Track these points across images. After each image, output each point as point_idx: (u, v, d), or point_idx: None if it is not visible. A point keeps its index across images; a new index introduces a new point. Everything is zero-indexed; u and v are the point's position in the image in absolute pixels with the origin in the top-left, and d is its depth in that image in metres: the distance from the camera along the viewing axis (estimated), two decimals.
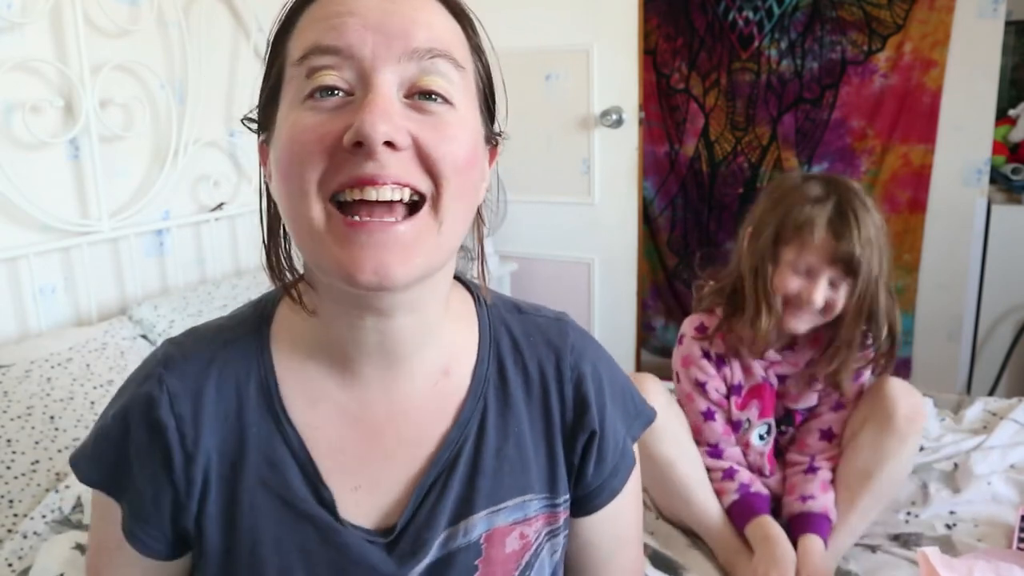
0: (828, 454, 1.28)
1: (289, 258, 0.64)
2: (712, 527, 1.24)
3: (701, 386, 1.28)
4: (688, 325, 1.33)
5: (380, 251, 0.52)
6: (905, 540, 1.25)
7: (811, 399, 1.30)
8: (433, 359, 0.64)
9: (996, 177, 2.60)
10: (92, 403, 1.38)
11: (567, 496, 0.69)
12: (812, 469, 1.25)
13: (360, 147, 0.51)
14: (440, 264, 0.57)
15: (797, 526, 1.20)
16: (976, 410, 1.67)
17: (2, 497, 1.19)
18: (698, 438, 1.29)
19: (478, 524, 0.64)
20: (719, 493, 1.26)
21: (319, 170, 0.52)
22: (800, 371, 1.29)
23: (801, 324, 1.21)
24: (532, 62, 2.56)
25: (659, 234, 3.13)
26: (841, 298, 1.18)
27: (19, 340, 1.55)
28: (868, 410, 1.25)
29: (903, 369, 2.67)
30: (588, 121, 2.51)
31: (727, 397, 1.29)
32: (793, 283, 1.19)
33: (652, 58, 2.95)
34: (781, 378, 1.30)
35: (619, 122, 2.44)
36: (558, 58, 2.52)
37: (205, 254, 2.00)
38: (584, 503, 0.71)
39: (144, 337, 1.65)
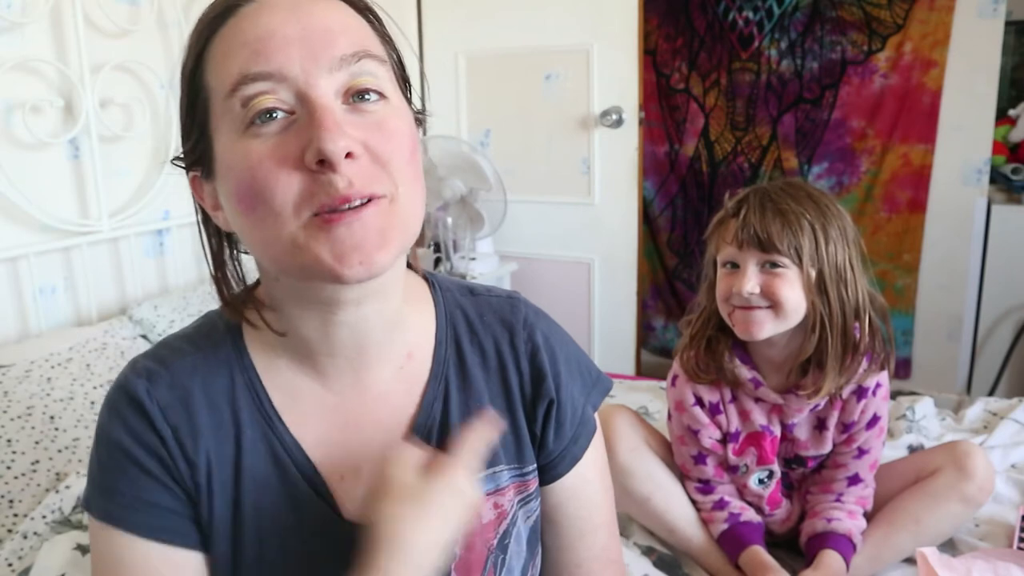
0: (859, 495, 1.20)
1: (243, 286, 0.65)
2: (701, 555, 1.23)
3: (694, 433, 1.22)
4: (678, 365, 1.25)
5: (360, 243, 0.54)
6: None
7: (823, 446, 1.20)
8: (397, 346, 0.67)
9: (996, 177, 2.60)
10: (92, 403, 1.38)
11: (534, 465, 0.72)
12: (839, 499, 1.19)
13: (323, 163, 0.52)
14: (408, 244, 0.59)
15: (817, 543, 1.16)
16: (976, 410, 1.67)
17: (2, 497, 1.19)
18: (688, 475, 1.26)
19: None
20: (708, 522, 1.23)
21: (292, 192, 0.53)
22: (806, 416, 1.20)
23: (755, 328, 1.10)
24: (532, 62, 2.56)
25: (659, 234, 3.13)
26: (787, 285, 1.08)
27: (19, 340, 1.55)
28: (945, 459, 1.19)
29: (903, 369, 2.67)
30: (588, 121, 2.51)
31: (724, 442, 1.22)
32: (726, 284, 1.13)
33: (652, 58, 2.95)
34: (788, 427, 1.21)
35: (619, 122, 2.44)
36: (558, 58, 2.52)
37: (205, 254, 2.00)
38: (548, 471, 0.73)
39: (144, 337, 1.65)
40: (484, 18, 2.58)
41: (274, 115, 0.54)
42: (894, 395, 1.74)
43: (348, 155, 0.53)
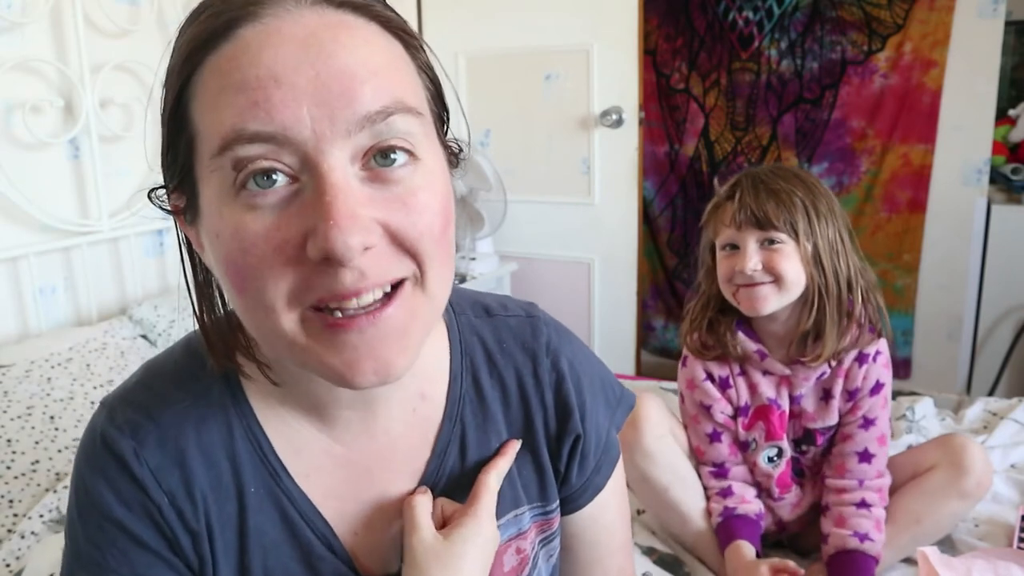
0: (876, 485, 1.20)
1: (234, 330, 0.55)
2: (701, 546, 1.25)
3: (706, 409, 1.24)
4: (687, 348, 1.30)
5: (376, 348, 0.46)
6: None
7: (830, 417, 1.22)
8: (409, 385, 0.60)
9: (996, 177, 2.60)
10: (92, 403, 1.38)
11: (557, 502, 0.67)
12: (865, 504, 1.18)
13: (330, 259, 0.43)
14: (432, 329, 0.52)
15: (849, 564, 1.14)
16: (976, 410, 1.67)
17: (2, 497, 1.19)
18: (702, 459, 1.27)
19: None
20: (711, 513, 1.25)
21: (285, 285, 0.45)
22: (813, 387, 1.22)
23: (761, 303, 1.14)
24: (532, 62, 2.56)
25: (659, 234, 3.13)
26: (786, 259, 1.13)
27: (19, 340, 1.55)
28: (941, 455, 1.20)
29: (903, 369, 2.67)
30: (588, 121, 2.51)
31: (734, 418, 1.25)
32: (727, 265, 1.18)
33: (652, 58, 2.95)
34: (796, 399, 1.23)
35: (619, 122, 2.44)
36: (558, 58, 2.52)
37: None
38: (567, 503, 0.69)
39: (144, 337, 1.65)
40: (484, 18, 2.58)
41: (273, 177, 0.44)
42: (894, 395, 1.74)
43: (364, 249, 0.44)
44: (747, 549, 1.17)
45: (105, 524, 0.53)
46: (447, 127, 0.55)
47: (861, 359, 1.19)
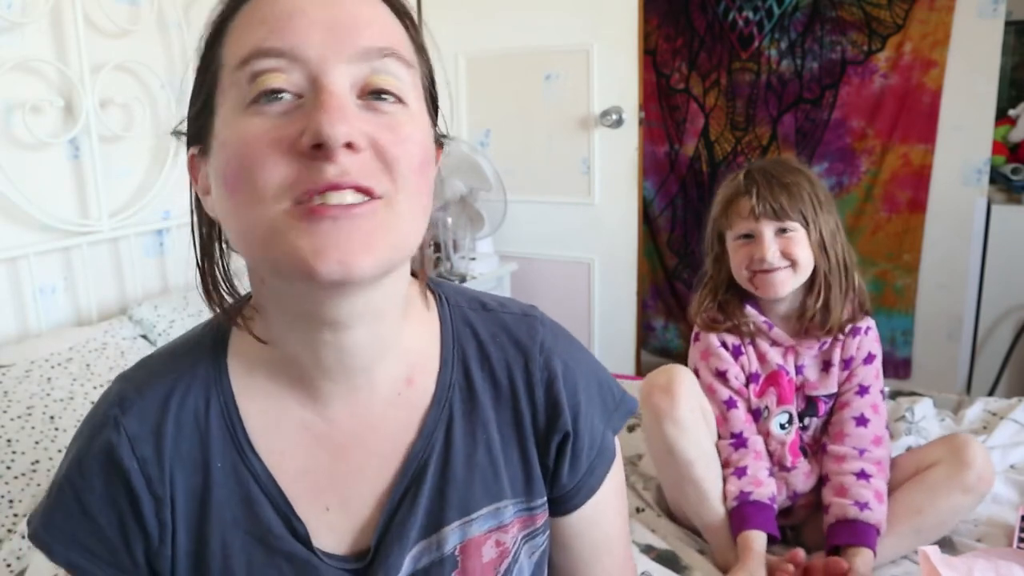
0: (875, 456, 1.25)
1: (229, 282, 0.60)
2: (715, 527, 1.26)
3: (722, 375, 1.31)
4: (699, 325, 1.38)
5: (343, 242, 0.49)
6: None
7: (830, 384, 1.31)
8: (394, 369, 0.62)
9: (996, 177, 2.60)
10: (92, 403, 1.37)
11: (544, 499, 0.68)
12: (864, 475, 1.23)
13: (319, 149, 0.48)
14: (399, 261, 0.55)
15: (849, 532, 1.18)
16: (976, 410, 1.67)
17: (2, 497, 1.19)
18: (721, 429, 1.31)
19: (450, 536, 0.62)
20: (726, 493, 1.26)
21: (276, 177, 0.49)
22: (815, 357, 1.31)
23: (780, 287, 1.26)
24: (532, 62, 2.56)
25: (659, 234, 3.13)
26: (799, 245, 1.25)
27: (19, 340, 1.55)
28: (944, 452, 1.24)
29: (903, 369, 2.67)
30: (588, 121, 2.51)
31: (746, 385, 1.32)
32: (744, 254, 1.28)
33: (652, 58, 2.95)
34: (800, 368, 1.31)
35: (619, 122, 2.44)
36: (558, 58, 2.52)
37: None
38: (561, 503, 0.69)
39: (144, 337, 1.65)
40: (484, 18, 2.58)
41: (281, 96, 0.50)
42: (894, 395, 1.74)
43: (349, 145, 0.49)
44: (759, 540, 1.20)
45: (77, 476, 0.58)
46: (437, 111, 0.60)
47: (855, 332, 1.31)
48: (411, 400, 0.63)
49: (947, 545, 1.23)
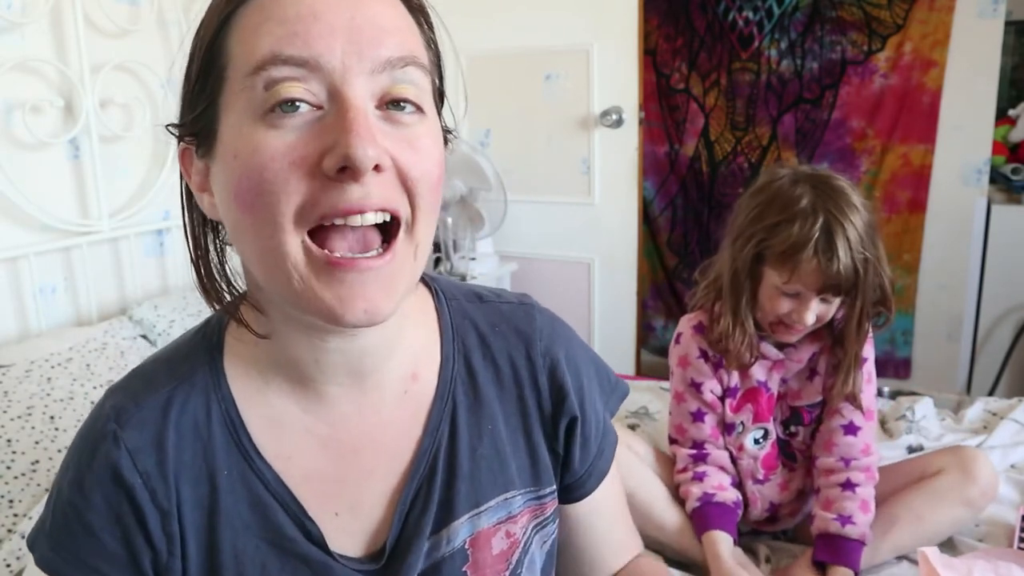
0: (863, 464, 1.21)
1: (225, 276, 0.59)
2: (671, 534, 1.25)
3: (696, 386, 1.26)
4: (686, 323, 1.30)
5: (367, 289, 0.49)
6: None
7: (814, 394, 1.25)
8: (400, 366, 0.61)
9: (996, 177, 2.60)
10: (92, 403, 1.38)
11: (553, 487, 0.67)
12: (850, 485, 1.19)
13: (344, 171, 0.47)
14: (415, 285, 0.56)
15: (831, 550, 1.16)
16: (976, 410, 1.67)
17: (2, 497, 1.19)
18: (680, 437, 1.29)
19: (460, 530, 0.62)
20: (684, 497, 1.25)
21: (296, 201, 0.48)
22: (803, 367, 1.25)
23: (795, 336, 1.20)
24: (532, 62, 2.56)
25: (659, 234, 3.13)
26: (834, 308, 1.17)
27: (19, 340, 1.55)
28: (950, 461, 1.23)
29: (903, 369, 2.67)
30: (588, 121, 2.51)
31: (722, 399, 1.26)
32: (783, 306, 1.16)
33: (652, 58, 2.95)
34: (783, 379, 1.26)
35: (619, 122, 2.44)
36: (558, 58, 2.52)
37: None
38: (575, 489, 0.69)
39: (144, 337, 1.65)
40: (484, 18, 2.58)
41: (298, 107, 0.48)
42: (894, 395, 1.74)
43: (376, 167, 0.48)
44: (724, 541, 1.18)
45: (77, 493, 0.56)
46: (443, 105, 0.60)
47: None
48: (417, 395, 0.62)
49: (948, 545, 1.23)
